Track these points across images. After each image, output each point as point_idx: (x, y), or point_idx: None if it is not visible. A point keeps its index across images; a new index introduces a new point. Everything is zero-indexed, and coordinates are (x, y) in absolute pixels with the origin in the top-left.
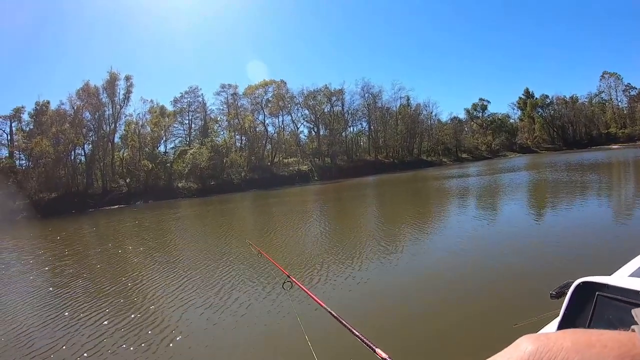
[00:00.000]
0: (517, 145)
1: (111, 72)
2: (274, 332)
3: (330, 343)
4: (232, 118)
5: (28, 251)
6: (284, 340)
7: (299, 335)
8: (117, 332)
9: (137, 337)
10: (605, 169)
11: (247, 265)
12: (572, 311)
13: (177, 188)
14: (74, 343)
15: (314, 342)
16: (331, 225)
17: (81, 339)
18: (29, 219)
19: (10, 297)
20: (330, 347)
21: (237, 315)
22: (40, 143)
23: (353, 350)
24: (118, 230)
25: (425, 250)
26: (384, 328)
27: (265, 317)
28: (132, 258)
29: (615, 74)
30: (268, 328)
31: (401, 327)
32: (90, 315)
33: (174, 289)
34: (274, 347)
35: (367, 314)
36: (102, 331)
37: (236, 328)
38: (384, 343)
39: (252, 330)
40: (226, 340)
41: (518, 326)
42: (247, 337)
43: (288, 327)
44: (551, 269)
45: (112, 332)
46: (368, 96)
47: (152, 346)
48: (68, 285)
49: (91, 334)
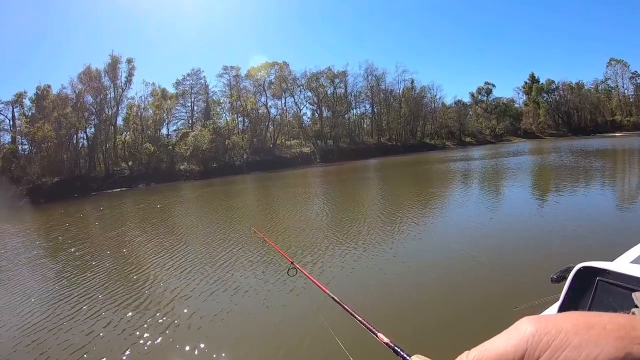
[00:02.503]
0: (521, 130)
1: (113, 55)
2: (284, 316)
3: (336, 328)
4: (235, 100)
5: (42, 236)
6: (295, 325)
7: (307, 319)
8: (134, 319)
9: (152, 323)
10: (608, 156)
11: (254, 252)
12: (572, 295)
13: (179, 170)
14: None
15: (322, 327)
16: (334, 209)
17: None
18: (32, 204)
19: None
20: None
21: (248, 299)
22: (42, 128)
23: (359, 333)
24: (124, 215)
25: (427, 234)
26: (385, 313)
27: (274, 301)
28: (140, 247)
29: (622, 61)
30: (279, 312)
31: (402, 312)
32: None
33: (187, 279)
34: (289, 328)
35: (370, 298)
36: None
37: (251, 314)
38: (385, 327)
39: (263, 314)
40: (243, 326)
41: (518, 309)
42: (261, 320)
43: (296, 312)
44: (552, 254)
45: (129, 321)
46: (371, 78)
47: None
48: (81, 271)
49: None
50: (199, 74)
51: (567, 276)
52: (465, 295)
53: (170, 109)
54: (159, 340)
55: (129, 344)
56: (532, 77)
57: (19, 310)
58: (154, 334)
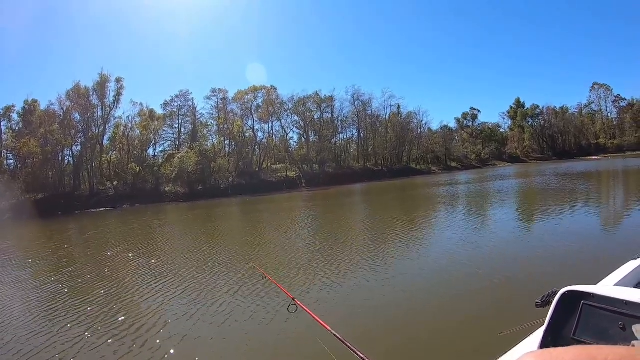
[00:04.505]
0: (506, 154)
1: (102, 74)
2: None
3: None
4: (222, 123)
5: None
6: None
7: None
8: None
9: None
10: (591, 178)
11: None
12: (557, 320)
13: (164, 192)
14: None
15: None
16: (323, 237)
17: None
18: (14, 220)
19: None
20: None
21: (245, 334)
22: (28, 143)
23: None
24: (106, 236)
25: (414, 261)
26: (365, 334)
27: (272, 338)
28: (127, 276)
29: (605, 85)
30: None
31: (385, 335)
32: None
33: (176, 309)
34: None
35: (361, 329)
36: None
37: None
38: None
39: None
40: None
41: (503, 335)
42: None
43: (294, 348)
44: (537, 278)
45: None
46: (358, 103)
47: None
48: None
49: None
50: (187, 95)
51: (552, 300)
52: (451, 320)
53: (157, 129)
54: None
55: None
56: (517, 102)
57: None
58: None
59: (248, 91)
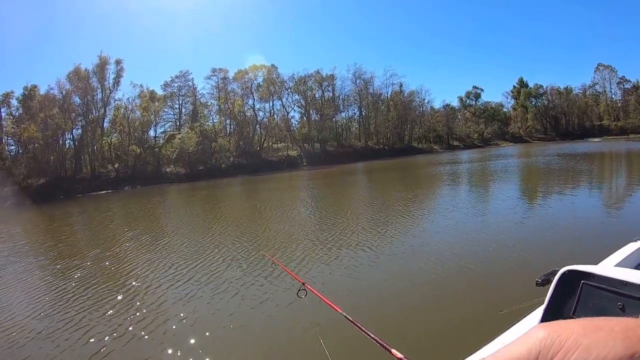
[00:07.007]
0: (509, 134)
1: (101, 56)
2: (290, 337)
3: (349, 347)
4: (223, 102)
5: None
6: (301, 345)
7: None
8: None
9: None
10: (595, 158)
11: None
12: (557, 298)
13: (165, 173)
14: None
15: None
16: (326, 215)
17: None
18: (17, 205)
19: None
20: (347, 350)
21: (255, 321)
22: (29, 128)
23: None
24: (110, 219)
25: (413, 239)
26: (378, 320)
27: (282, 323)
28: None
29: (609, 67)
30: (285, 334)
31: (388, 319)
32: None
33: (186, 295)
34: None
35: (369, 309)
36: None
37: (257, 336)
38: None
39: (268, 335)
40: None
41: (503, 313)
42: (264, 341)
43: (304, 332)
44: (538, 257)
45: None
46: (360, 82)
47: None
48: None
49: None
50: (187, 75)
51: (552, 280)
52: (452, 300)
53: (157, 111)
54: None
55: None
56: (521, 82)
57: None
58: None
59: (248, 70)
